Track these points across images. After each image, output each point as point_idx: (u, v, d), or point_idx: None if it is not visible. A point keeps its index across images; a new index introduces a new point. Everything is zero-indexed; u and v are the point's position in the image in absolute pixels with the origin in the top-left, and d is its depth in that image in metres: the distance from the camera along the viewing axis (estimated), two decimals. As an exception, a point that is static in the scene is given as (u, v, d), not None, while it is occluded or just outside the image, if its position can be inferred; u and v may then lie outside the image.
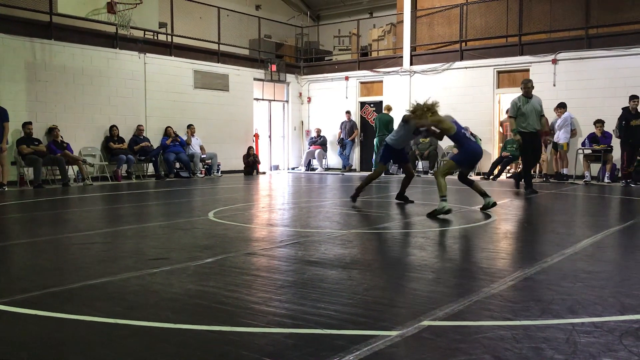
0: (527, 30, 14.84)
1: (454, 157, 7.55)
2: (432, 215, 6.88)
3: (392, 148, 8.46)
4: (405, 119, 8.24)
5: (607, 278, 3.89)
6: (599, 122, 12.81)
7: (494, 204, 7.23)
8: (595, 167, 13.02)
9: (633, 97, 11.84)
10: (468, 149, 7.27)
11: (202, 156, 15.13)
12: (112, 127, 13.46)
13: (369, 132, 17.13)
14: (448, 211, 6.82)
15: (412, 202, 8.51)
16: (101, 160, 13.29)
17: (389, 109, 16.01)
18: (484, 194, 7.29)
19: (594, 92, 13.51)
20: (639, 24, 13.47)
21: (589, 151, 12.94)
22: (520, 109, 10.00)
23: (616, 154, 12.61)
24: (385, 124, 15.75)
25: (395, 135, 8.53)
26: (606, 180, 12.67)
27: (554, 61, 14.14)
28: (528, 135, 10.01)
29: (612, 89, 13.20)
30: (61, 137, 12.38)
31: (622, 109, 12.07)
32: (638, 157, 11.95)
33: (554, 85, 14.08)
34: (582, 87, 13.68)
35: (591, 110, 13.28)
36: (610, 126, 12.56)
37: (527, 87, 10.11)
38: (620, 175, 12.40)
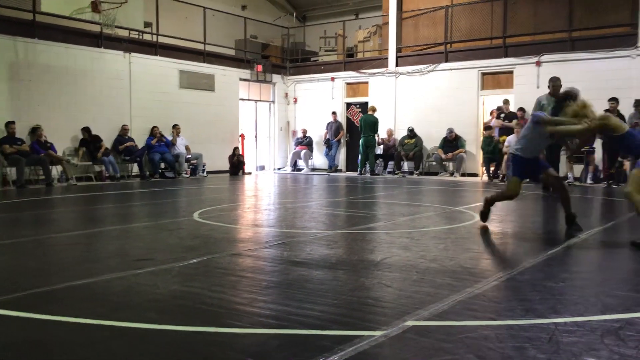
0: (512, 32, 14.97)
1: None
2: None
3: (521, 159, 5.93)
4: (536, 121, 5.78)
5: (589, 278, 3.94)
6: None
7: None
8: (578, 168, 13.16)
9: (612, 99, 12.01)
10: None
11: (188, 156, 15.06)
12: (83, 129, 13.09)
13: (355, 132, 17.18)
14: None
15: (579, 229, 5.85)
16: (85, 160, 13.18)
17: (373, 110, 16.06)
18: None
19: (577, 94, 13.64)
20: (620, 27, 13.64)
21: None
22: (545, 108, 9.16)
23: (598, 155, 12.77)
24: (371, 124, 15.80)
25: (522, 143, 5.96)
26: (589, 181, 12.81)
27: (538, 63, 14.27)
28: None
29: (595, 90, 13.28)
30: (45, 136, 12.25)
31: (604, 111, 12.20)
32: (619, 159, 12.10)
33: (538, 87, 14.16)
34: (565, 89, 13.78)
35: (574, 112, 13.41)
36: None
37: (556, 86, 9.35)
38: (602, 176, 12.55)
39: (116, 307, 3.20)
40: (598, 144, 12.57)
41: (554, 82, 9.43)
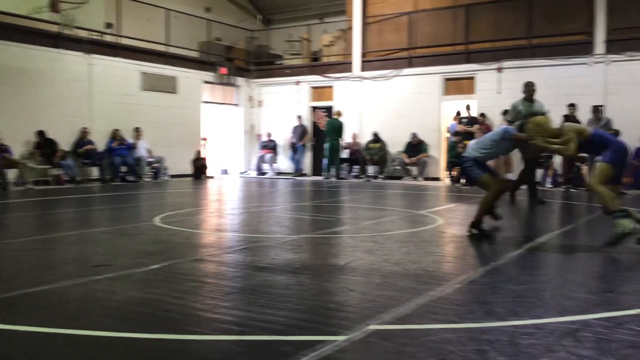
0: (474, 39, 15.23)
1: (606, 157, 5.35)
2: (616, 241, 5.08)
3: (481, 163, 6.04)
4: (508, 137, 5.92)
5: (548, 281, 4.01)
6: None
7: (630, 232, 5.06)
8: (538, 173, 13.44)
9: (571, 105, 12.33)
10: (619, 144, 5.43)
11: (149, 159, 14.84)
12: (37, 133, 12.74)
13: (320, 136, 17.20)
14: (632, 231, 5.01)
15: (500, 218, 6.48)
16: (42, 163, 12.84)
17: (339, 114, 16.12)
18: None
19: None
20: (578, 35, 14.03)
21: (532, 157, 13.35)
22: (521, 113, 9.18)
23: (558, 159, 13.07)
24: (336, 129, 15.84)
25: (487, 148, 5.97)
26: (548, 185, 13.11)
27: (499, 69, 14.55)
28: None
29: (554, 97, 13.65)
30: (1, 139, 11.89)
31: (563, 116, 12.53)
32: (577, 163, 12.41)
33: (499, 93, 14.48)
34: (525, 95, 14.09)
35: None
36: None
37: (530, 90, 9.44)
38: (561, 180, 12.85)
39: (73, 315, 3.11)
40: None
41: (529, 87, 9.52)
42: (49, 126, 12.99)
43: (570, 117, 12.28)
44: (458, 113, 14.88)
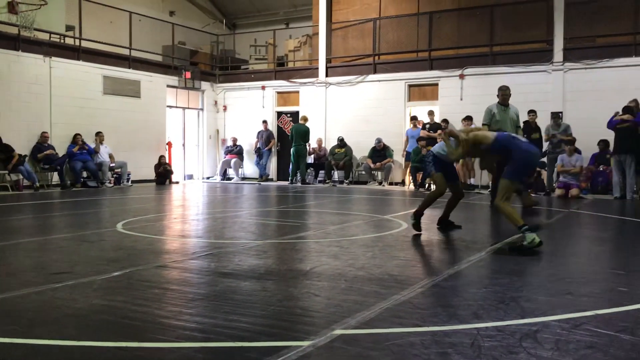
0: (437, 45, 15.47)
1: (506, 172, 5.59)
2: (519, 249, 5.35)
3: (441, 160, 6.44)
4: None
5: (509, 284, 4.09)
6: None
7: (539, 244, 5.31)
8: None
9: (531, 112, 12.61)
10: (519, 154, 5.56)
11: (111, 165, 14.58)
12: None
13: (286, 141, 17.18)
14: (540, 243, 5.24)
15: (459, 227, 6.77)
16: None
17: (305, 119, 16.14)
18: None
19: (498, 106, 14.25)
20: (537, 44, 14.39)
21: (494, 162, 13.59)
22: (495, 116, 9.23)
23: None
24: (302, 134, 15.85)
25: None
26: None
27: (462, 76, 14.81)
28: None
29: (514, 103, 13.88)
30: (-45, 143, 11.53)
31: (523, 122, 12.80)
32: (537, 168, 12.69)
33: (461, 99, 14.73)
34: (487, 102, 14.23)
35: (495, 124, 13.98)
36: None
37: (505, 94, 9.31)
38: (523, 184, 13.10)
39: (31, 324, 3.03)
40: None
41: (503, 91, 9.35)
42: (6, 131, 12.64)
43: (530, 123, 12.56)
44: (414, 118, 15.08)
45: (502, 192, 5.52)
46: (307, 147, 16.17)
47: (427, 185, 13.99)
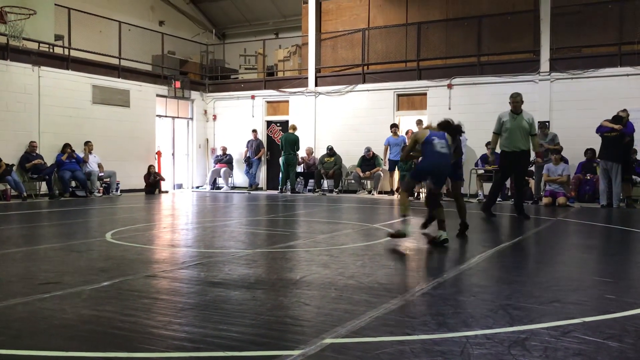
0: (425, 55, 15.59)
1: (411, 170, 6.57)
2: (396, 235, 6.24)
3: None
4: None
5: (498, 292, 4.12)
6: (490, 144, 13.57)
7: (445, 241, 6.11)
8: (488, 186, 13.77)
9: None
10: (423, 160, 6.40)
11: (100, 174, 14.51)
12: None
13: (276, 151, 17.21)
14: (403, 234, 6.15)
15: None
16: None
17: (294, 128, 16.17)
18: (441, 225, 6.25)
19: (486, 115, 14.32)
20: (524, 54, 14.55)
21: (482, 171, 13.70)
22: (505, 124, 9.11)
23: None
24: (291, 143, 15.88)
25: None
26: (498, 199, 13.41)
27: (450, 86, 14.92)
28: (510, 155, 9.12)
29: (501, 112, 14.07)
30: (-59, 153, 11.42)
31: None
32: (526, 177, 12.78)
33: (450, 108, 14.83)
34: (474, 111, 14.49)
35: (483, 133, 14.05)
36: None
37: (516, 102, 9.11)
38: (510, 194, 13.20)
39: (18, 335, 3.00)
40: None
41: (514, 98, 9.15)
42: (-6, 140, 12.57)
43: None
44: (394, 125, 15.10)
45: (404, 185, 6.60)
46: (297, 156, 16.19)
47: (415, 194, 14.04)
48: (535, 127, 9.33)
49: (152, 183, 15.86)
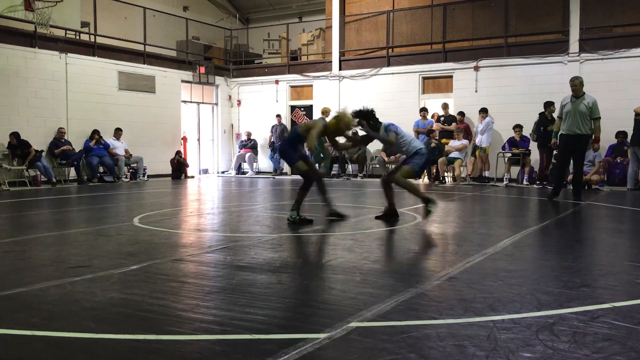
0: (451, 37, 15.36)
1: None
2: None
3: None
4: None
5: (525, 276, 4.07)
6: (518, 127, 13.40)
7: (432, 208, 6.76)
8: (515, 170, 13.62)
9: (549, 104, 12.47)
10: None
11: (127, 160, 14.70)
12: (12, 134, 12.43)
13: (299, 135, 17.16)
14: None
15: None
16: (17, 164, 12.64)
17: (326, 112, 15.99)
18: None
19: (513, 98, 14.14)
20: (552, 34, 14.24)
21: (509, 154, 13.52)
22: (564, 108, 9.15)
23: (533, 156, 13.25)
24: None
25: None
26: (525, 182, 13.27)
27: (476, 68, 14.70)
28: (566, 138, 9.13)
29: (530, 95, 13.85)
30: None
31: (539, 114, 12.70)
32: (553, 160, 12.59)
33: (476, 91, 14.63)
34: (502, 93, 14.28)
35: (510, 116, 13.88)
36: (528, 130, 13.18)
37: (575, 85, 9.07)
38: (537, 177, 13.02)
39: (51, 317, 3.08)
40: (534, 146, 13.05)
41: (573, 82, 9.15)
42: (24, 127, 12.81)
43: (546, 115, 12.45)
44: (423, 109, 14.95)
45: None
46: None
47: (441, 178, 13.95)
48: (598, 111, 9.10)
49: (178, 168, 16.01)
